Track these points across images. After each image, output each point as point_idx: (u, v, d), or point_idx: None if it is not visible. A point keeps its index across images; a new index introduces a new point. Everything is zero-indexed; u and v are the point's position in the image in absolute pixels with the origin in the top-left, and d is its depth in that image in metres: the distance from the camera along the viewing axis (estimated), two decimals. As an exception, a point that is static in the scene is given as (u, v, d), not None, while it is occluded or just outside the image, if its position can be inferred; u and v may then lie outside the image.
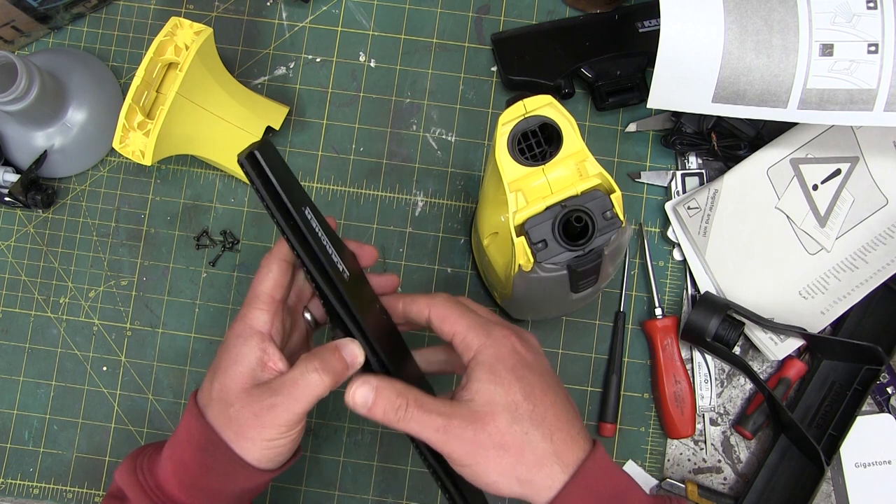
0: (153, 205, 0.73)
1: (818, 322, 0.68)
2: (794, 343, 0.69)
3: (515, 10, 0.75)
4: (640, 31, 0.72)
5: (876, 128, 0.68)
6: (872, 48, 0.60)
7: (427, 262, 0.73)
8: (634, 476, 0.67)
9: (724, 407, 0.71)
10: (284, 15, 0.75)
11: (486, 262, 0.63)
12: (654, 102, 0.64)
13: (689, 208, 0.70)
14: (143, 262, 0.73)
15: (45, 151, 0.71)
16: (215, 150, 0.69)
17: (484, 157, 0.73)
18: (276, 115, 0.71)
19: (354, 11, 0.75)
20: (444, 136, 0.74)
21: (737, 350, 0.71)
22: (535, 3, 0.75)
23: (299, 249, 0.47)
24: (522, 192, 0.53)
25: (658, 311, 0.70)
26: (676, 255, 0.72)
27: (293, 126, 0.74)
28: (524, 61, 0.72)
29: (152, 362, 0.72)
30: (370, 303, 0.53)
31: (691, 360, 0.71)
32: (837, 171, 0.68)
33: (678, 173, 0.72)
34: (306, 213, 0.48)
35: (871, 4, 0.60)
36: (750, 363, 0.70)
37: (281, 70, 0.75)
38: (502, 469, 0.47)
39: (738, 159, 0.70)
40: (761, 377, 0.70)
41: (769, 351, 0.69)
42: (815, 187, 0.69)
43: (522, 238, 0.52)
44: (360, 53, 0.75)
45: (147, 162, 0.64)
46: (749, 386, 0.71)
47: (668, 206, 0.71)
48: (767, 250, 0.69)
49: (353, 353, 0.49)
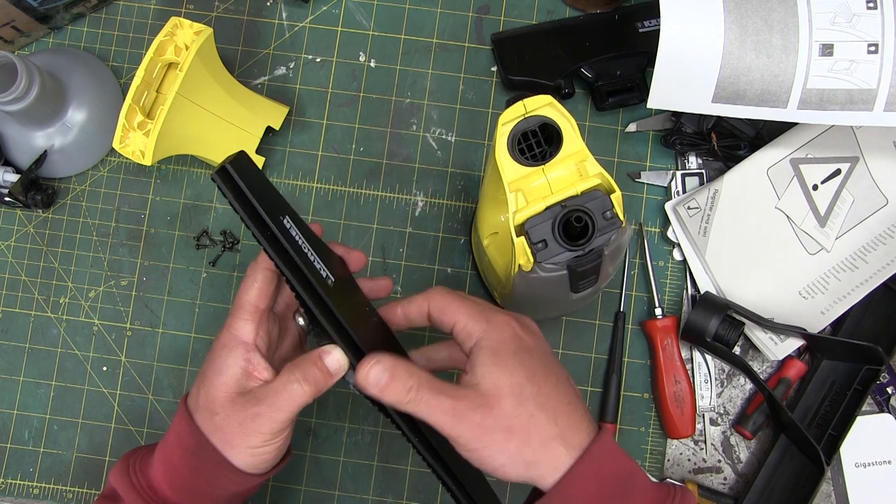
0: (153, 205, 0.74)
1: (818, 322, 0.68)
2: (794, 343, 0.69)
3: (515, 10, 0.75)
4: (640, 31, 0.72)
5: (876, 128, 0.68)
6: (872, 48, 0.60)
7: (427, 262, 0.73)
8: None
9: (724, 407, 0.71)
10: (284, 15, 0.75)
11: (486, 262, 0.63)
12: (654, 102, 0.64)
13: (689, 208, 0.70)
14: (143, 262, 0.73)
15: (45, 151, 0.71)
16: (215, 150, 0.69)
17: (484, 157, 0.73)
18: (276, 115, 0.71)
19: (354, 11, 0.75)
20: (444, 136, 0.74)
21: (737, 350, 0.71)
22: (535, 3, 0.75)
23: (277, 260, 0.47)
24: (522, 192, 0.53)
25: (658, 311, 0.70)
26: (676, 255, 0.72)
27: (293, 126, 0.74)
28: (524, 61, 0.72)
29: (152, 362, 0.72)
30: (359, 307, 0.53)
31: (691, 360, 0.71)
32: (837, 171, 0.68)
33: (678, 173, 0.72)
34: (285, 222, 0.48)
35: (871, 4, 0.60)
36: (750, 363, 0.70)
37: (281, 70, 0.75)
38: (509, 452, 0.47)
39: (738, 159, 0.70)
40: (761, 377, 0.70)
41: (769, 351, 0.69)
42: (815, 187, 0.69)
43: (522, 238, 0.52)
44: (360, 53, 0.75)
45: (147, 162, 0.64)
46: (749, 386, 0.71)
47: (668, 206, 0.71)
48: (767, 250, 0.69)
49: (336, 362, 0.49)
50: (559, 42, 0.72)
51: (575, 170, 0.53)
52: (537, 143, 0.54)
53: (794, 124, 0.69)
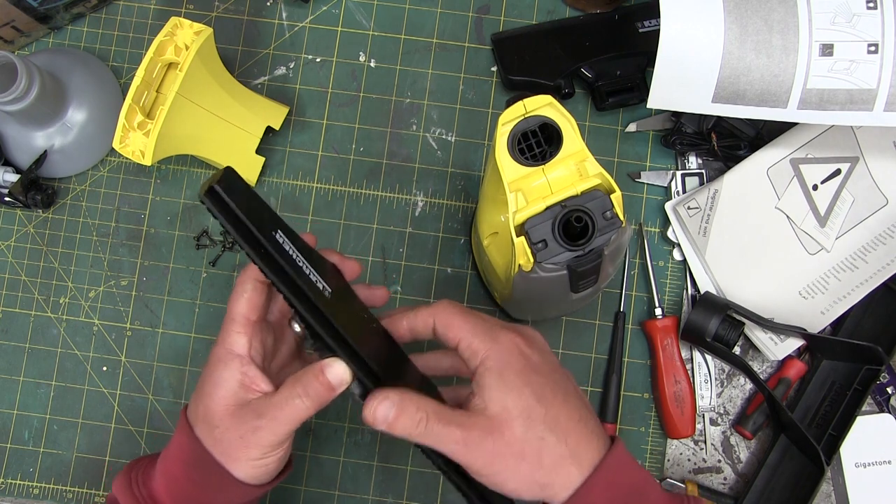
0: (153, 205, 0.74)
1: (818, 322, 0.68)
2: (794, 343, 0.69)
3: (515, 10, 0.75)
4: (640, 31, 0.72)
5: (876, 128, 0.68)
6: (872, 48, 0.60)
7: (427, 262, 0.73)
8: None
9: (724, 407, 0.71)
10: (284, 15, 0.75)
11: (486, 262, 0.63)
12: (654, 102, 0.64)
13: (689, 208, 0.70)
14: (143, 262, 0.73)
15: (45, 151, 0.71)
16: (215, 150, 0.69)
17: (484, 157, 0.73)
18: (276, 115, 0.71)
19: (354, 11, 0.75)
20: (444, 136, 0.74)
21: (737, 350, 0.71)
22: (535, 3, 0.75)
23: (272, 277, 0.46)
24: (522, 192, 0.53)
25: (658, 311, 0.70)
26: (676, 255, 0.72)
27: (293, 126, 0.74)
28: (524, 61, 0.72)
29: (152, 362, 0.72)
30: (358, 315, 0.52)
31: (691, 360, 0.71)
32: (837, 171, 0.68)
33: (678, 173, 0.72)
34: (277, 237, 0.47)
35: (871, 4, 0.60)
36: (750, 363, 0.70)
37: (281, 70, 0.75)
38: (522, 477, 0.47)
39: (738, 159, 0.70)
40: (761, 377, 0.70)
41: (769, 351, 0.69)
42: (815, 187, 0.69)
43: (522, 238, 0.52)
44: (360, 53, 0.75)
45: (147, 162, 0.64)
46: (749, 386, 0.71)
47: (668, 206, 0.71)
48: (767, 250, 0.69)
49: (337, 375, 0.48)
50: (559, 42, 0.72)
51: (575, 170, 0.53)
52: (537, 143, 0.54)
53: (794, 124, 0.69)
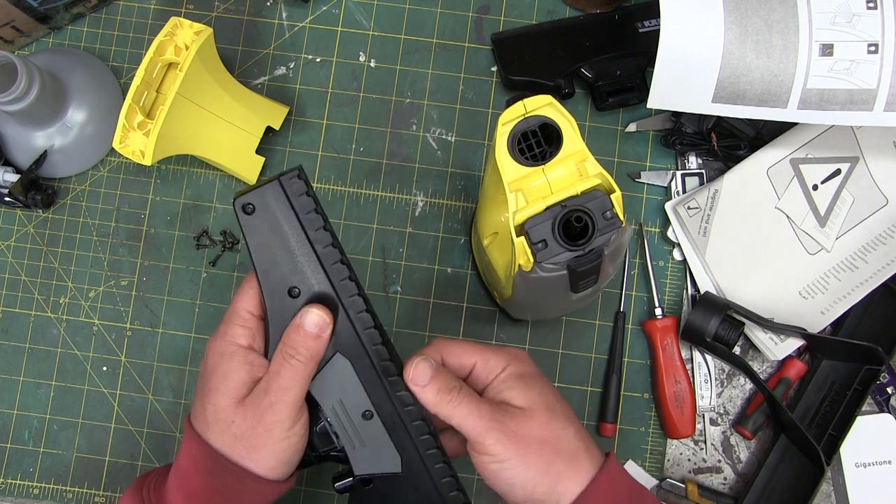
0: (153, 205, 0.74)
1: (818, 322, 0.68)
2: (794, 343, 0.69)
3: (515, 10, 0.75)
4: (640, 31, 0.72)
5: (876, 128, 0.68)
6: (872, 48, 0.60)
7: (427, 262, 0.73)
8: (635, 476, 0.67)
9: (724, 407, 0.71)
10: (284, 15, 0.75)
11: (486, 262, 0.63)
12: (654, 102, 0.64)
13: (689, 208, 0.70)
14: (143, 262, 0.73)
15: (45, 151, 0.71)
16: (215, 150, 0.69)
17: (484, 157, 0.73)
18: (276, 115, 0.71)
19: (354, 11, 0.75)
20: (444, 136, 0.74)
21: (737, 350, 0.71)
22: (535, 3, 0.75)
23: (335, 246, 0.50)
24: (522, 192, 0.53)
25: (658, 311, 0.70)
26: (676, 255, 0.72)
27: (293, 126, 0.74)
28: (524, 61, 0.72)
29: (152, 362, 0.72)
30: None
31: (691, 360, 0.71)
32: (837, 171, 0.68)
33: (678, 173, 0.72)
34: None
35: (871, 4, 0.60)
36: (750, 363, 0.70)
37: (281, 70, 0.75)
38: (541, 463, 0.48)
39: (738, 159, 0.70)
40: (761, 377, 0.70)
41: (769, 351, 0.69)
42: (815, 187, 0.69)
43: (522, 238, 0.52)
44: (360, 53, 0.75)
45: (147, 162, 0.64)
46: (749, 386, 0.71)
47: (668, 206, 0.71)
48: (767, 250, 0.69)
49: (312, 321, 0.49)
50: (559, 42, 0.72)
51: (575, 170, 0.53)
52: (537, 143, 0.54)
53: (794, 124, 0.69)
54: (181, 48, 0.64)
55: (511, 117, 0.53)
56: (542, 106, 0.53)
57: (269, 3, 0.75)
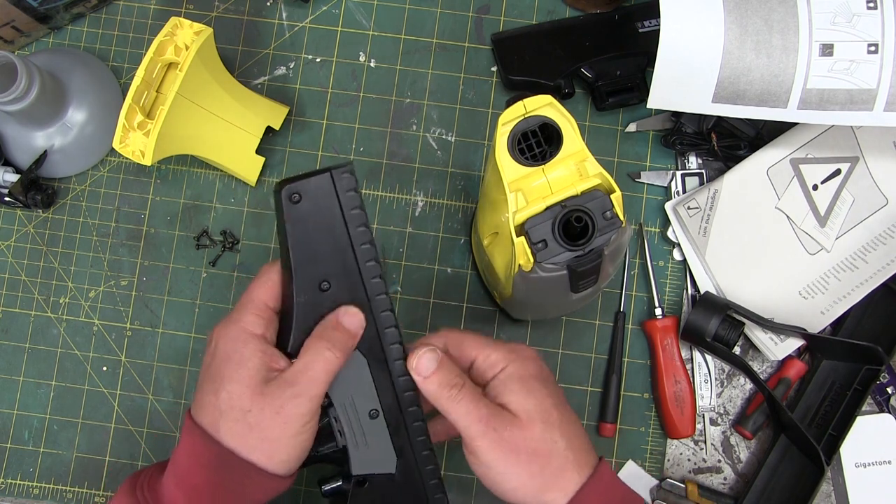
0: (153, 205, 0.74)
1: (818, 322, 0.68)
2: (794, 343, 0.69)
3: (515, 10, 0.75)
4: (640, 31, 0.72)
5: (876, 128, 0.68)
6: (872, 48, 0.60)
7: (427, 262, 0.73)
8: (635, 476, 0.67)
9: (724, 407, 0.71)
10: (284, 15, 0.75)
11: (486, 262, 0.63)
12: (654, 102, 0.64)
13: (689, 208, 0.70)
14: (143, 262, 0.73)
15: (45, 151, 0.71)
16: (215, 150, 0.69)
17: (484, 157, 0.73)
18: (276, 115, 0.71)
19: (354, 11, 0.75)
20: (444, 136, 0.74)
21: (737, 350, 0.71)
22: (535, 3, 0.75)
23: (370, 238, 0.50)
24: (522, 192, 0.53)
25: (658, 311, 0.70)
26: (676, 255, 0.72)
27: (293, 126, 0.74)
28: (524, 61, 0.72)
29: (152, 362, 0.72)
30: None
31: (691, 360, 0.71)
32: (837, 171, 0.68)
33: (678, 173, 0.72)
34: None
35: (871, 4, 0.60)
36: (750, 363, 0.70)
37: (281, 70, 0.75)
38: (528, 474, 0.48)
39: (738, 159, 0.70)
40: (761, 377, 0.70)
41: (769, 351, 0.69)
42: (815, 187, 0.69)
43: (522, 238, 0.52)
44: (360, 53, 0.75)
45: (147, 162, 0.64)
46: (749, 386, 0.71)
47: (668, 206, 0.71)
48: (767, 250, 0.69)
49: (352, 321, 0.49)
50: (559, 42, 0.72)
51: (575, 170, 0.53)
52: (537, 143, 0.54)
53: (794, 124, 0.69)
54: (181, 48, 0.64)
55: (511, 117, 0.53)
56: (542, 106, 0.53)
57: (269, 3, 0.75)
